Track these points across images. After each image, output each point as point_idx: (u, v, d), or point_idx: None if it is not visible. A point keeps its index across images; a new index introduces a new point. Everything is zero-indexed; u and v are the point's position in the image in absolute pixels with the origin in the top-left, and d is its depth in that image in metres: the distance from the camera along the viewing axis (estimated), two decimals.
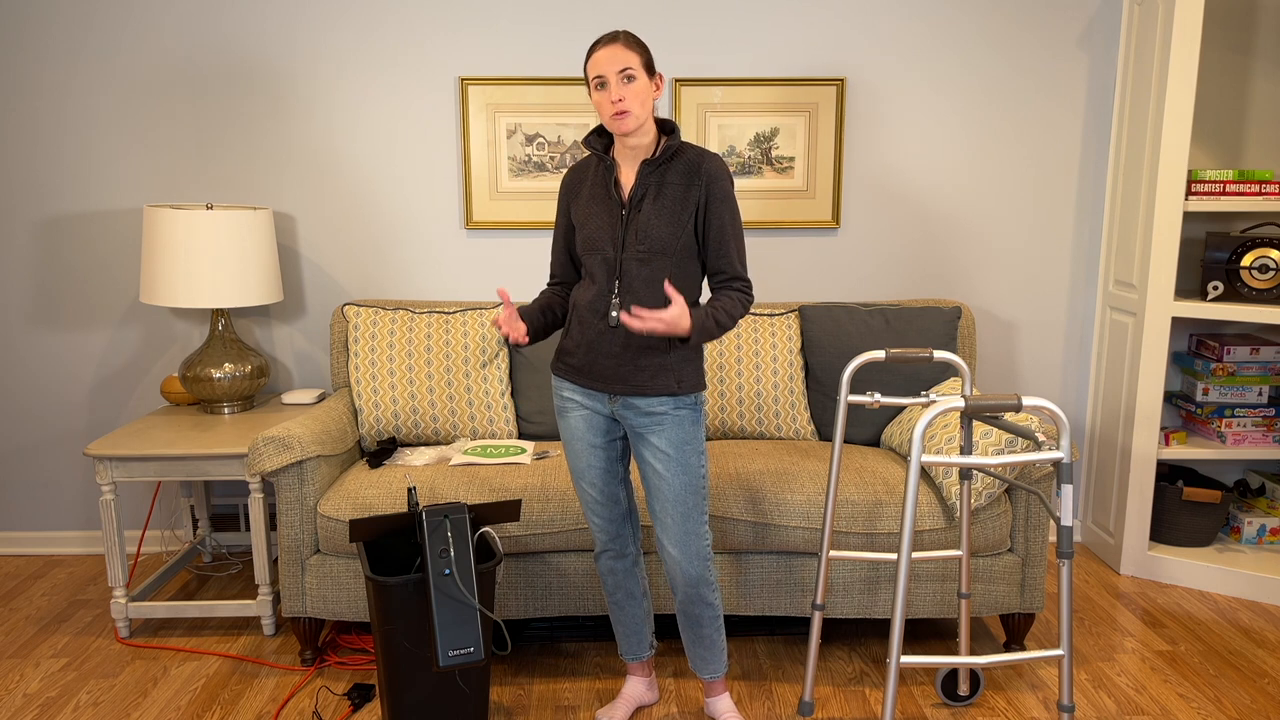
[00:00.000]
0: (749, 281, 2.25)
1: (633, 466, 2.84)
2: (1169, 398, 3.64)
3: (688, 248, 2.21)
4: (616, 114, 2.13)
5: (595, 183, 2.27)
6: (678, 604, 2.36)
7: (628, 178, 2.24)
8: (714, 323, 2.16)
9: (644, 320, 2.04)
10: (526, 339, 2.22)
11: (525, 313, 2.32)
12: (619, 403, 2.27)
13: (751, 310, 3.28)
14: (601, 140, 2.28)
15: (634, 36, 2.15)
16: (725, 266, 2.22)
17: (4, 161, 3.40)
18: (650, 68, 2.16)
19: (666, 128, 2.24)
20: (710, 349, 3.21)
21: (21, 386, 3.54)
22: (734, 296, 2.21)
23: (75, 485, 3.62)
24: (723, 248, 2.21)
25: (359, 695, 2.62)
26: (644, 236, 2.18)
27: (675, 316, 2.05)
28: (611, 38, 2.13)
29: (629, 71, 2.11)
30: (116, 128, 3.39)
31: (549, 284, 2.45)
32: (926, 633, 3.02)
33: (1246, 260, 3.21)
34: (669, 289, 2.06)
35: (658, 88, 2.19)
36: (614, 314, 2.22)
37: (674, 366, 2.23)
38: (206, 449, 2.87)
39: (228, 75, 3.37)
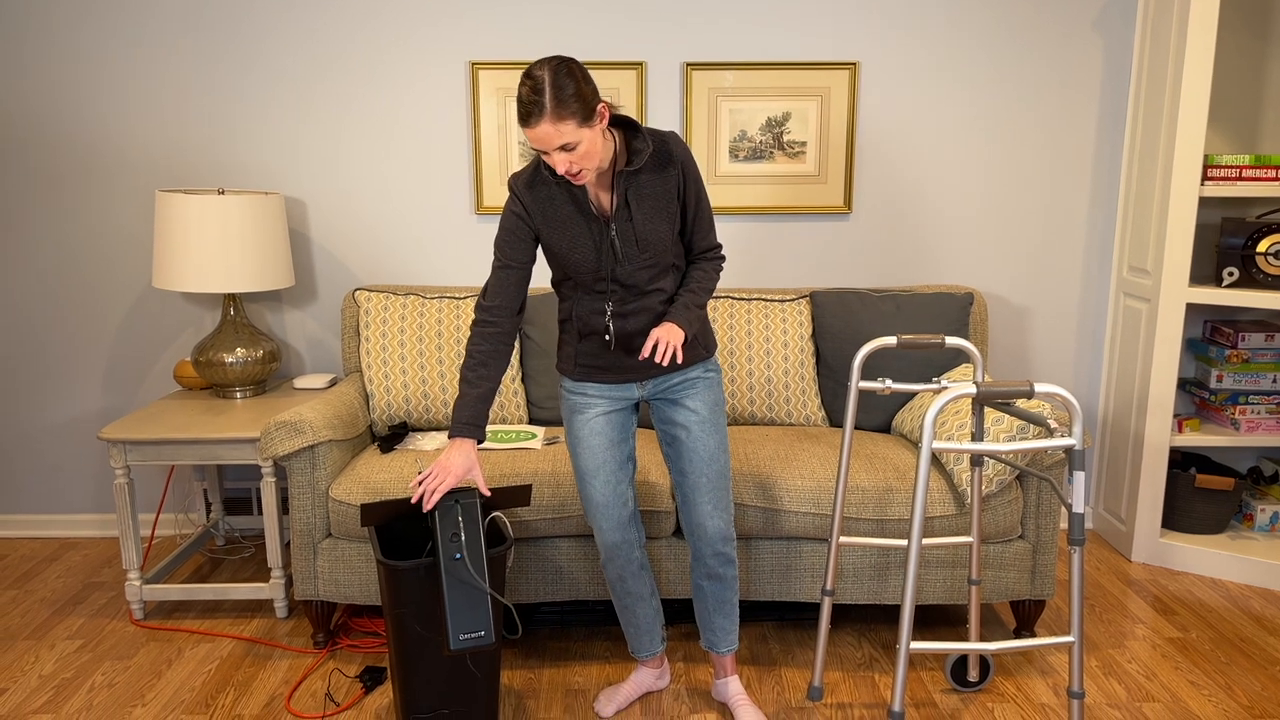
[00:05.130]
0: (718, 246, 2.30)
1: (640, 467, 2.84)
2: (1182, 384, 3.62)
3: (678, 233, 2.23)
4: (571, 175, 2.02)
5: (567, 204, 2.15)
6: (703, 571, 2.36)
7: (602, 190, 2.16)
8: (696, 308, 2.21)
9: (661, 353, 2.09)
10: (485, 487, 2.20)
11: (477, 419, 2.17)
12: (650, 383, 2.30)
13: (763, 296, 3.27)
14: None
15: (559, 97, 1.92)
16: (699, 241, 2.26)
17: (18, 147, 3.41)
18: (590, 111, 1.96)
19: (625, 123, 2.14)
20: (721, 335, 3.20)
21: (35, 371, 3.56)
22: (706, 268, 2.26)
23: (89, 469, 3.65)
24: (696, 224, 2.23)
25: (371, 678, 2.64)
26: (646, 244, 2.15)
27: (669, 332, 2.12)
28: (538, 111, 1.92)
29: (569, 144, 1.96)
30: (128, 112, 3.39)
31: (483, 324, 2.20)
32: (936, 619, 3.02)
33: (1262, 246, 3.18)
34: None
35: (603, 119, 2.01)
36: (608, 337, 2.23)
37: (698, 335, 2.30)
38: (219, 433, 2.88)
39: (239, 59, 3.37)
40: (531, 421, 3.23)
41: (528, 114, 1.95)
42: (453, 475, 2.14)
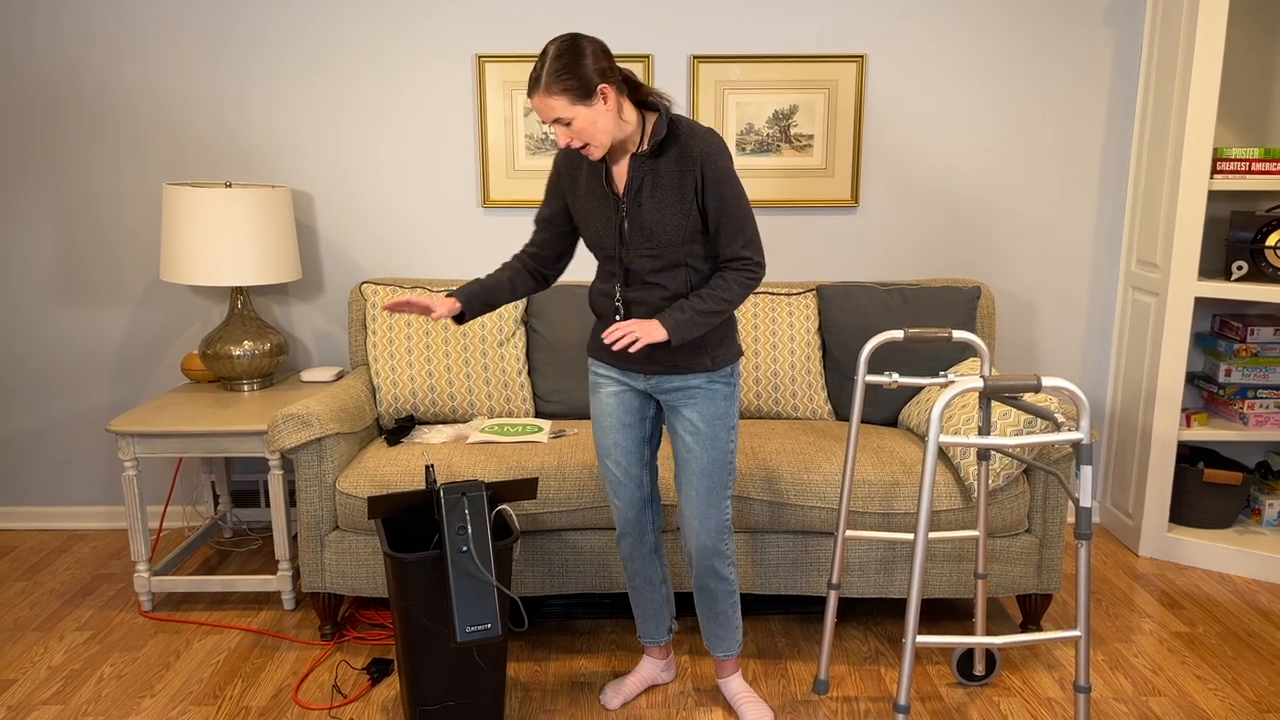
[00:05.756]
0: (749, 258, 2.12)
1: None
2: (1190, 379, 3.61)
3: (697, 231, 2.13)
4: (577, 149, 2.08)
5: (590, 175, 2.19)
6: (693, 577, 2.37)
7: (620, 171, 2.16)
8: (695, 313, 2.10)
9: (617, 339, 2.05)
10: (438, 315, 2.18)
11: (468, 292, 2.26)
12: (654, 379, 2.25)
13: (769, 290, 3.27)
14: None
15: (554, 71, 1.98)
16: (724, 249, 2.13)
17: (25, 141, 3.42)
18: (586, 90, 1.99)
19: (652, 106, 2.13)
20: None
21: (44, 364, 3.58)
22: (727, 277, 2.13)
23: (98, 461, 3.66)
24: (720, 230, 2.11)
25: (377, 669, 2.65)
26: (650, 233, 2.12)
27: (641, 325, 2.07)
28: (534, 83, 2.00)
29: (561, 119, 2.01)
30: (135, 106, 3.40)
31: (524, 249, 2.35)
32: (942, 613, 3.02)
33: (1272, 240, 3.17)
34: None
35: (605, 99, 2.02)
36: (618, 317, 2.22)
37: (708, 346, 2.20)
38: (227, 426, 2.89)
39: (246, 52, 3.37)
40: (538, 415, 3.24)
41: (529, 86, 2.04)
42: (419, 298, 2.16)
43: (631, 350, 2.04)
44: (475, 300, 2.27)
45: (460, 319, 2.27)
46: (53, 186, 3.45)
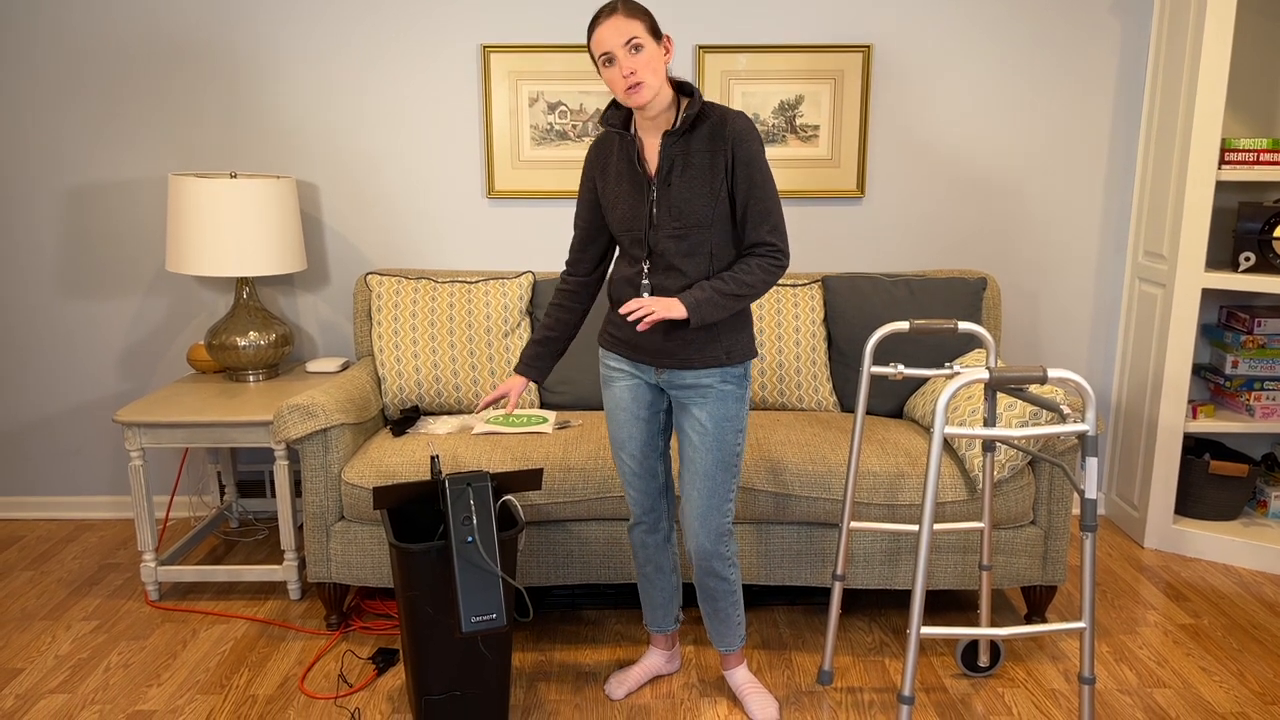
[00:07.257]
0: (774, 245, 2.12)
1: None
2: (1197, 370, 3.60)
3: (725, 216, 2.12)
4: (630, 88, 2.03)
5: (620, 159, 2.19)
6: (694, 575, 2.37)
7: (652, 151, 2.16)
8: (715, 293, 2.09)
9: (633, 310, 2.05)
10: (514, 399, 2.36)
11: (526, 359, 2.39)
12: (666, 374, 2.24)
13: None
14: (619, 114, 2.19)
15: (633, 2, 2.04)
16: (749, 233, 2.12)
17: (30, 130, 3.42)
18: (656, 32, 2.05)
19: (685, 90, 2.13)
20: None
21: (51, 355, 3.59)
22: (750, 263, 2.11)
23: (105, 451, 3.68)
24: (746, 213, 2.11)
25: (383, 659, 2.66)
26: (678, 213, 2.11)
27: (660, 301, 2.06)
28: (610, 9, 2.02)
29: (635, 41, 2.00)
30: (140, 97, 3.40)
31: (563, 275, 2.39)
32: (947, 604, 3.02)
33: (1279, 231, 3.16)
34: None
35: (667, 51, 2.08)
36: (644, 295, 2.20)
37: (722, 336, 2.18)
38: (233, 416, 2.90)
39: (251, 44, 3.37)
40: (543, 406, 3.24)
41: (599, 15, 2.03)
42: (498, 392, 2.37)
43: (642, 326, 2.03)
44: (536, 361, 2.40)
45: (538, 381, 2.42)
46: (59, 177, 3.46)
